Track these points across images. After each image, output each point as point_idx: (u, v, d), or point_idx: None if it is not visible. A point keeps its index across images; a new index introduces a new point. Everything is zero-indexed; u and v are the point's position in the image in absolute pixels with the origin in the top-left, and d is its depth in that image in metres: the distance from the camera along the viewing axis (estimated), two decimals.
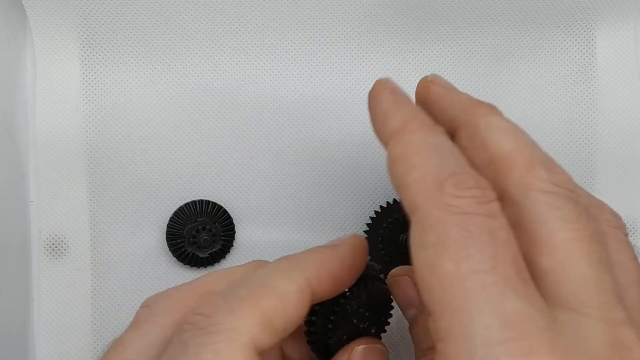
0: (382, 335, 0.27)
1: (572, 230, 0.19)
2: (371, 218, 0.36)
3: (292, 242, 0.36)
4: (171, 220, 0.36)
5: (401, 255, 0.35)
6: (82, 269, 0.35)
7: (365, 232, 0.36)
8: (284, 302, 0.21)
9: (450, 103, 0.25)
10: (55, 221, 0.35)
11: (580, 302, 0.19)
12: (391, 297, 0.28)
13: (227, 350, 0.20)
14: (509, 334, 0.17)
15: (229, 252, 0.36)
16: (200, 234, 0.35)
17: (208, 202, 0.36)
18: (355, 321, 0.26)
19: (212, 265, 0.36)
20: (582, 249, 0.19)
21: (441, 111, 0.25)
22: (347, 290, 0.25)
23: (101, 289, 0.36)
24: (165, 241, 0.36)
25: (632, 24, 0.38)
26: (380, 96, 0.24)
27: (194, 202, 0.36)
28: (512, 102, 0.38)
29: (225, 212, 0.36)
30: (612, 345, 0.18)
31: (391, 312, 0.28)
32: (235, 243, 0.36)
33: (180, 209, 0.36)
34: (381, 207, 0.36)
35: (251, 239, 0.37)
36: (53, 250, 0.35)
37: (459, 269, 0.18)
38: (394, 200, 0.36)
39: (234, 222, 0.36)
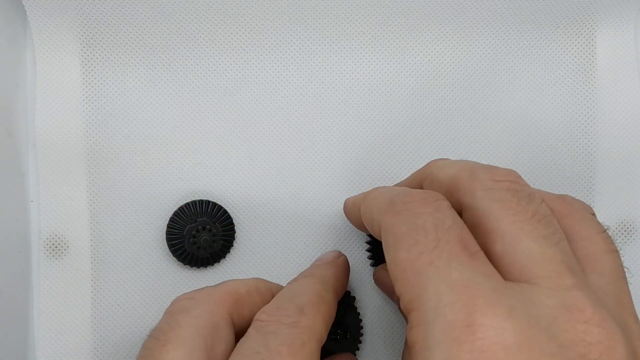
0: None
1: (513, 214, 0.22)
2: None
3: (292, 242, 0.36)
4: (171, 220, 0.36)
5: None
6: (82, 269, 0.35)
7: (368, 235, 0.36)
8: (332, 309, 0.26)
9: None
10: (55, 221, 0.35)
11: (530, 274, 0.21)
12: (360, 318, 0.33)
13: (310, 342, 0.24)
14: (455, 297, 0.20)
15: (229, 252, 0.36)
16: (200, 234, 0.35)
17: (208, 202, 0.36)
18: (331, 337, 0.31)
19: (212, 265, 0.36)
20: (524, 229, 0.22)
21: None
22: None
23: (101, 289, 0.36)
24: (165, 241, 0.36)
25: (632, 24, 0.38)
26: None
27: (194, 202, 0.36)
28: (512, 102, 0.38)
29: (225, 212, 0.36)
30: (561, 307, 0.20)
31: (361, 332, 0.33)
32: (235, 243, 0.36)
33: (180, 209, 0.36)
34: None
35: (251, 239, 0.37)
36: (53, 250, 0.35)
37: (410, 254, 0.21)
38: None
39: (234, 222, 0.36)
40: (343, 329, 0.32)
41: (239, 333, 0.26)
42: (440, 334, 0.19)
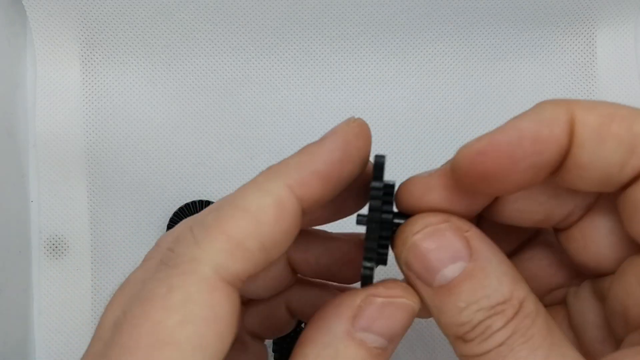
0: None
1: None
2: None
3: None
4: (171, 220, 0.36)
5: None
6: (82, 269, 0.35)
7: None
8: (258, 220, 0.18)
9: None
10: (55, 221, 0.35)
11: None
12: None
13: (183, 284, 0.18)
14: None
15: None
16: None
17: (208, 202, 0.36)
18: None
19: None
20: None
21: None
22: None
23: (101, 289, 0.35)
24: None
25: (632, 24, 0.38)
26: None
27: (193, 202, 0.36)
28: (512, 102, 0.38)
29: None
30: None
31: None
32: None
33: (180, 209, 0.36)
34: None
35: None
36: (53, 250, 0.35)
37: None
38: None
39: None
40: None
41: None
42: None
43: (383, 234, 0.21)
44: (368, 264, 0.20)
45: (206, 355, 0.18)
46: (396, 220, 0.21)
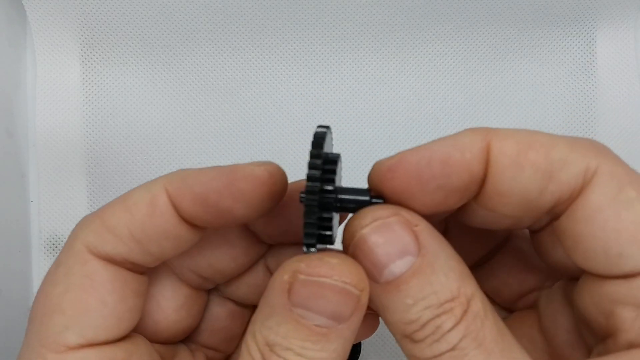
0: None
1: None
2: None
3: None
4: None
5: None
6: None
7: None
8: (131, 212, 0.20)
9: None
10: (55, 221, 0.35)
11: None
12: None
13: (65, 260, 0.21)
14: None
15: None
16: None
17: None
18: None
19: None
20: None
21: None
22: None
23: None
24: None
25: (632, 24, 0.38)
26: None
27: None
28: (513, 102, 0.38)
29: None
30: None
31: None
32: None
33: None
34: None
35: None
36: (53, 250, 0.35)
37: None
38: None
39: None
40: None
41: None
42: None
43: (324, 208, 0.19)
44: (306, 249, 0.19)
45: (92, 318, 0.20)
46: (343, 196, 0.20)
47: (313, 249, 0.19)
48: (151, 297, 0.23)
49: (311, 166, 0.19)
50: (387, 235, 0.19)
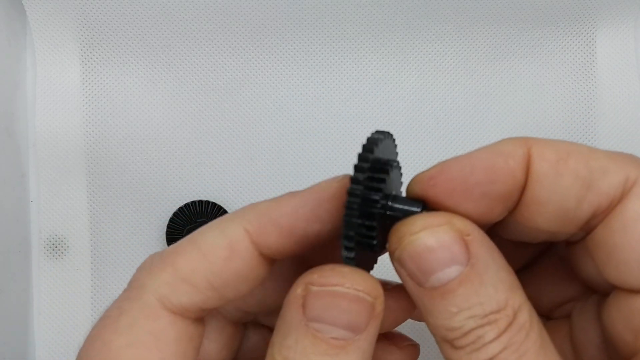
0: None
1: None
2: None
3: None
4: (171, 220, 0.36)
5: None
6: (82, 269, 0.35)
7: None
8: (207, 258, 0.19)
9: None
10: (55, 221, 0.35)
11: None
12: None
13: (131, 309, 0.19)
14: None
15: None
16: None
17: (208, 202, 0.36)
18: None
19: None
20: None
21: None
22: None
23: (101, 289, 0.35)
24: (165, 241, 0.36)
25: (632, 24, 0.38)
26: None
27: (193, 203, 0.36)
28: (513, 102, 0.38)
29: (225, 212, 0.36)
30: None
31: None
32: None
33: (180, 209, 0.36)
34: None
35: None
36: (53, 250, 0.35)
37: None
38: None
39: None
40: None
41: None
42: None
43: (366, 213, 0.19)
44: (347, 253, 0.18)
45: None
46: (389, 203, 0.19)
47: (351, 254, 0.18)
48: None
49: (357, 168, 0.18)
50: (438, 243, 0.18)
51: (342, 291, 0.18)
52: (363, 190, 0.18)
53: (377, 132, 0.19)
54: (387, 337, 0.24)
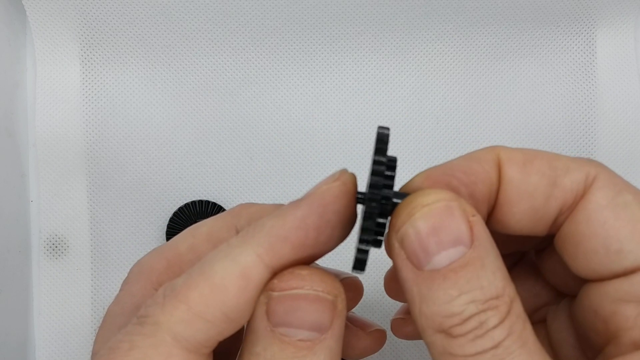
0: None
1: None
2: None
3: None
4: (171, 220, 0.36)
5: None
6: (82, 269, 0.35)
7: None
8: (221, 291, 0.18)
9: None
10: (55, 221, 0.35)
11: None
12: None
13: (143, 345, 0.19)
14: None
15: None
16: None
17: (208, 202, 0.36)
18: None
19: None
20: None
21: None
22: None
23: (101, 288, 0.35)
24: (165, 241, 0.36)
25: (632, 24, 0.38)
26: None
27: (193, 202, 0.36)
28: (513, 101, 0.38)
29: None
30: None
31: None
32: None
33: (180, 209, 0.36)
34: None
35: None
36: (53, 250, 0.35)
37: None
38: None
39: None
40: None
41: None
42: None
43: (382, 214, 0.19)
44: (364, 247, 0.18)
45: None
46: (397, 200, 0.19)
47: (365, 247, 0.18)
48: None
49: (375, 172, 0.18)
50: (447, 219, 0.18)
51: (302, 293, 0.18)
52: (381, 193, 0.18)
53: (381, 127, 0.20)
54: (354, 324, 0.24)
